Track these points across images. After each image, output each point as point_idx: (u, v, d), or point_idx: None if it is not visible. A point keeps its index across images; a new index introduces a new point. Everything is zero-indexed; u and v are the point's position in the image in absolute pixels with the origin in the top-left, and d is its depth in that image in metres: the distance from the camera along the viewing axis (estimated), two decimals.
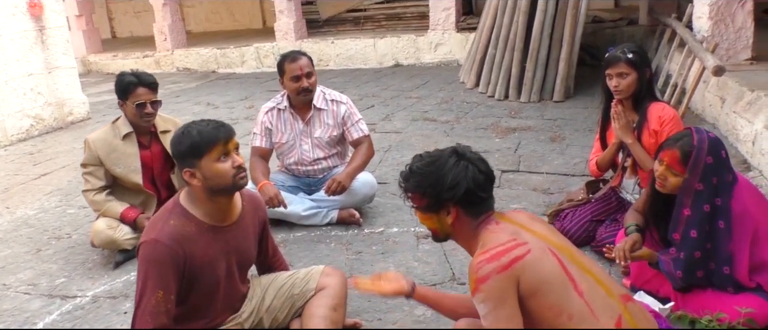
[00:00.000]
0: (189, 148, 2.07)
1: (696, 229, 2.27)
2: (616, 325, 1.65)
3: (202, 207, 2.15)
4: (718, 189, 2.25)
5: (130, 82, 3.25)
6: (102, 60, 11.56)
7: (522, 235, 1.74)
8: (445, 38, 9.25)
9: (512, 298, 1.63)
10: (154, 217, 2.18)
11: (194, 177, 2.09)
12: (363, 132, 3.71)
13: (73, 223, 3.97)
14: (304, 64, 3.52)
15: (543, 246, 1.72)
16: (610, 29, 8.76)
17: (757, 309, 2.22)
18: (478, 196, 1.79)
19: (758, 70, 4.88)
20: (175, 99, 8.28)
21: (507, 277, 1.63)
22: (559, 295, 1.65)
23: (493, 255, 1.67)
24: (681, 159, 2.26)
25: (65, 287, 3.09)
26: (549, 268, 1.68)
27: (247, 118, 6.72)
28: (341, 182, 3.46)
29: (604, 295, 1.68)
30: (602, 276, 1.75)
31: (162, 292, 2.01)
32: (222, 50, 10.64)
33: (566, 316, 1.64)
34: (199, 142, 2.06)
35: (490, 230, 1.78)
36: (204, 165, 2.07)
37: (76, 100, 7.23)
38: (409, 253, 3.17)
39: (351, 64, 9.84)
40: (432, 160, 1.83)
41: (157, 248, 2.03)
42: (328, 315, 2.31)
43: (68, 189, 4.69)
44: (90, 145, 3.31)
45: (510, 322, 1.63)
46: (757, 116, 3.90)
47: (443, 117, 6.02)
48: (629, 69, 2.92)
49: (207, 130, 2.09)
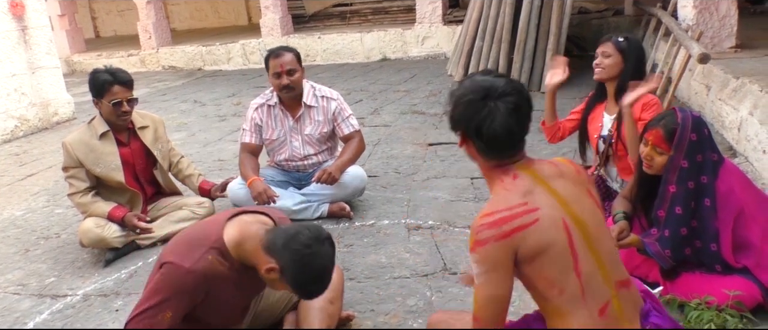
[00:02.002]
0: (296, 276, 1.91)
1: (681, 206, 2.30)
2: (599, 311, 1.64)
3: (244, 257, 2.04)
4: (703, 167, 2.28)
5: (106, 80, 3.20)
6: (86, 60, 11.45)
7: (536, 199, 1.63)
8: (432, 31, 9.25)
9: (506, 265, 1.61)
10: (192, 241, 2.06)
11: (270, 273, 1.94)
12: (354, 127, 3.70)
13: (61, 223, 3.94)
14: (285, 61, 3.48)
15: (556, 217, 1.63)
16: (597, 20, 8.80)
17: (745, 292, 2.25)
18: (494, 140, 1.63)
19: (742, 57, 4.93)
20: (161, 97, 8.23)
21: (504, 246, 1.59)
22: (558, 269, 1.62)
23: (495, 220, 1.60)
24: (665, 137, 2.29)
25: (55, 286, 3.07)
26: (554, 241, 1.61)
27: (234, 114, 6.70)
28: (332, 173, 3.45)
29: (600, 280, 1.66)
30: (605, 258, 1.69)
31: (170, 315, 1.99)
32: (207, 47, 10.58)
33: (558, 290, 1.63)
34: (304, 285, 1.94)
35: (503, 185, 1.67)
36: (282, 284, 1.96)
37: (60, 100, 7.16)
38: (400, 244, 3.17)
39: (338, 59, 9.82)
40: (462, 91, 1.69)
41: (187, 279, 1.97)
42: (325, 307, 2.31)
43: (55, 189, 4.65)
44: (68, 148, 3.26)
45: (498, 287, 1.62)
46: (742, 103, 3.94)
47: (432, 110, 6.03)
48: (614, 51, 2.99)
49: (316, 289, 1.96)
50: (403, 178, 4.17)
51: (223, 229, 2.07)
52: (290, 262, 1.91)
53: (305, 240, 1.90)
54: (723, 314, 2.20)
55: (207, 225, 2.15)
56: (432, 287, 2.71)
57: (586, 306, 1.64)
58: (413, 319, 2.48)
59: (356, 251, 3.14)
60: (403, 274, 2.86)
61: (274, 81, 3.51)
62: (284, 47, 3.60)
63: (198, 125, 6.44)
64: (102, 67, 3.31)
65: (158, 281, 2.02)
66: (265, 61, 3.59)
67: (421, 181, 4.09)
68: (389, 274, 2.87)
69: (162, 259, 2.07)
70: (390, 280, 2.81)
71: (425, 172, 4.27)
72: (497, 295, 1.63)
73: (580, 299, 1.63)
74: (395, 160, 4.57)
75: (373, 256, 3.08)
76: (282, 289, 2.01)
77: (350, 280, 2.83)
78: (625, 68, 2.99)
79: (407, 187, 4.00)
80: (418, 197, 3.81)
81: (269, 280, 2.00)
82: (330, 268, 1.96)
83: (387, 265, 2.97)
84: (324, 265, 1.93)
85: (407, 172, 4.31)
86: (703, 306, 2.26)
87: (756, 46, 5.32)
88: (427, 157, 4.60)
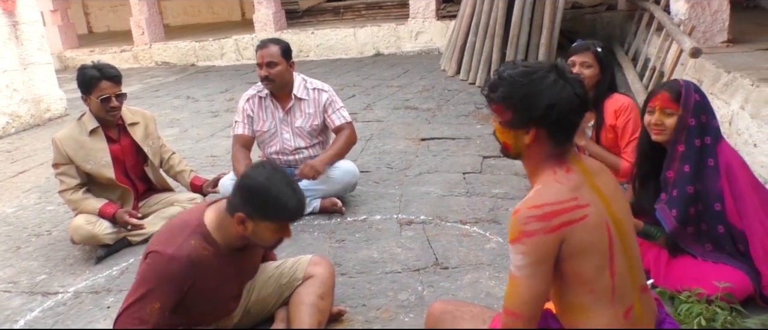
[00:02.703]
0: (260, 205, 1.97)
1: (690, 164, 2.35)
2: (624, 314, 1.62)
3: (227, 239, 2.08)
4: (707, 127, 2.34)
5: (93, 76, 3.18)
6: (79, 55, 11.39)
7: (585, 196, 1.58)
8: (426, 26, 9.24)
9: (551, 259, 1.56)
10: (173, 229, 2.09)
11: (244, 225, 2.00)
12: (345, 119, 3.68)
13: (52, 220, 3.93)
14: (267, 53, 3.48)
15: (602, 215, 1.59)
16: (590, 15, 8.81)
17: (735, 283, 2.27)
18: (570, 121, 1.59)
19: (734, 52, 4.94)
20: (154, 93, 8.20)
21: (553, 239, 1.54)
22: (594, 269, 1.58)
23: (545, 213, 1.54)
24: (672, 97, 2.35)
25: (46, 284, 3.06)
26: (597, 241, 1.57)
27: (227, 110, 6.68)
28: (315, 167, 3.42)
29: (629, 282, 1.64)
30: (635, 262, 1.67)
31: (158, 306, 1.99)
32: (201, 43, 10.54)
33: (589, 288, 1.59)
34: (274, 210, 1.98)
35: (555, 177, 1.60)
36: (261, 225, 2.00)
37: (53, 97, 7.12)
38: (392, 239, 3.17)
39: (331, 54, 9.80)
40: (528, 72, 1.59)
41: (171, 266, 1.99)
42: (316, 303, 2.31)
43: (47, 186, 4.63)
44: (58, 144, 3.25)
45: (543, 282, 1.56)
46: (733, 97, 3.95)
47: (425, 105, 6.03)
48: (594, 61, 3.02)
49: (291, 204, 1.98)
50: (396, 173, 4.17)
51: (204, 214, 2.10)
52: (250, 199, 1.96)
53: (255, 176, 1.98)
54: (713, 307, 2.21)
55: (188, 213, 2.18)
56: (423, 282, 2.72)
57: (613, 307, 1.61)
58: (405, 314, 2.48)
59: (348, 246, 3.14)
60: (394, 269, 2.86)
61: (258, 71, 3.53)
62: (273, 39, 3.60)
63: (190, 121, 6.42)
64: (90, 63, 3.29)
65: (144, 272, 2.03)
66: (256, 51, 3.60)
67: (414, 177, 4.09)
68: (381, 269, 2.87)
69: (146, 250, 2.08)
70: (382, 275, 2.81)
71: (417, 167, 4.27)
72: (541, 292, 1.57)
73: (609, 300, 1.60)
74: (388, 156, 4.57)
75: (365, 251, 3.08)
76: (270, 236, 2.03)
77: (342, 275, 2.83)
78: (602, 78, 3.04)
79: (399, 183, 4.00)
80: (411, 192, 3.81)
81: (252, 236, 2.02)
82: (292, 184, 2.00)
83: (379, 260, 2.97)
84: (284, 182, 1.98)
85: (399, 167, 4.30)
86: (693, 299, 2.26)
87: (748, 40, 5.33)
88: (419, 152, 4.60)
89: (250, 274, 2.32)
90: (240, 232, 2.02)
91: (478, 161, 4.27)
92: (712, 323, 2.15)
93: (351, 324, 2.44)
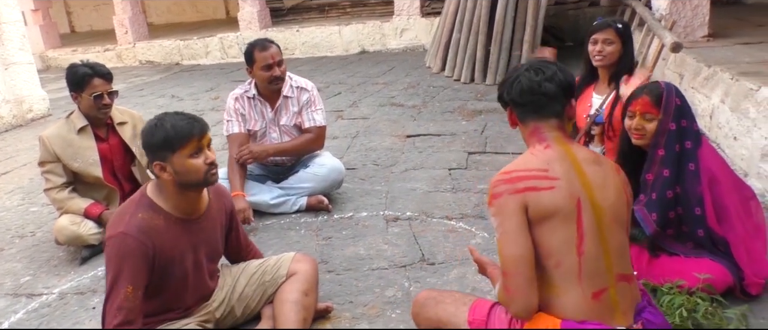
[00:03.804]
0: (162, 142, 2.03)
1: (669, 169, 2.35)
2: (593, 295, 1.69)
3: (170, 200, 2.12)
4: (687, 132, 2.35)
5: (85, 73, 3.17)
6: (61, 55, 11.28)
7: (557, 170, 1.71)
8: (411, 24, 9.26)
9: (520, 218, 1.68)
10: (120, 210, 2.13)
11: (164, 171, 2.06)
12: (314, 121, 3.63)
13: (36, 221, 3.89)
14: (275, 52, 3.47)
15: (573, 193, 1.70)
16: (573, 10, 8.86)
17: (716, 275, 2.30)
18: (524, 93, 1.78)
19: (714, 46, 5.01)
20: (138, 92, 8.14)
21: (515, 199, 1.68)
22: (560, 242, 1.68)
23: (511, 178, 1.71)
24: (653, 101, 2.35)
25: (30, 285, 3.04)
26: (563, 214, 1.68)
27: (213, 109, 6.65)
28: (252, 151, 3.49)
29: (602, 267, 1.71)
30: (613, 250, 1.74)
31: (131, 288, 1.99)
32: (185, 42, 10.48)
33: (554, 261, 1.69)
34: (173, 136, 2.03)
35: (532, 151, 1.78)
36: (176, 160, 2.04)
37: (35, 97, 7.05)
38: (378, 236, 3.19)
39: (317, 52, 9.79)
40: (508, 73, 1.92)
41: (127, 242, 2.00)
42: (300, 300, 2.32)
43: (30, 187, 4.59)
44: (45, 142, 3.23)
45: (517, 233, 1.68)
46: (713, 91, 4.01)
47: (410, 102, 6.04)
48: (616, 38, 3.02)
49: (181, 124, 2.05)
50: (382, 170, 4.19)
51: (146, 188, 2.15)
52: (153, 145, 2.05)
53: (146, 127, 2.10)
54: (694, 298, 2.25)
55: (134, 194, 2.20)
56: (410, 278, 2.73)
57: (581, 286, 1.69)
58: (391, 310, 2.49)
59: (335, 244, 3.15)
60: (381, 266, 2.87)
61: (264, 73, 3.47)
62: (267, 39, 3.58)
63: None
64: (79, 61, 3.28)
65: (106, 260, 2.05)
66: (246, 54, 3.53)
67: (400, 173, 4.10)
68: (367, 266, 2.88)
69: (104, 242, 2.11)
70: (368, 272, 2.82)
71: (403, 163, 4.29)
72: (520, 252, 1.67)
73: (575, 278, 1.69)
74: (374, 152, 4.58)
75: (352, 247, 3.09)
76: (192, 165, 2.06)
77: (329, 272, 2.84)
78: (624, 53, 3.05)
79: (385, 179, 4.01)
80: (397, 189, 3.82)
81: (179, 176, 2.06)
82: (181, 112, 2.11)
83: (365, 256, 2.98)
84: (171, 114, 2.09)
85: (385, 163, 4.32)
86: (675, 290, 2.30)
87: (728, 35, 5.41)
88: (405, 148, 4.62)
89: (210, 245, 2.29)
90: (169, 180, 2.06)
91: (463, 157, 4.29)
92: (693, 314, 2.19)
93: (338, 320, 2.45)
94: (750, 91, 3.48)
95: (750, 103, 3.46)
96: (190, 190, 2.13)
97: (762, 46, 4.73)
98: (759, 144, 3.30)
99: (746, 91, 3.53)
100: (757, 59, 4.24)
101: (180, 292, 2.21)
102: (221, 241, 2.37)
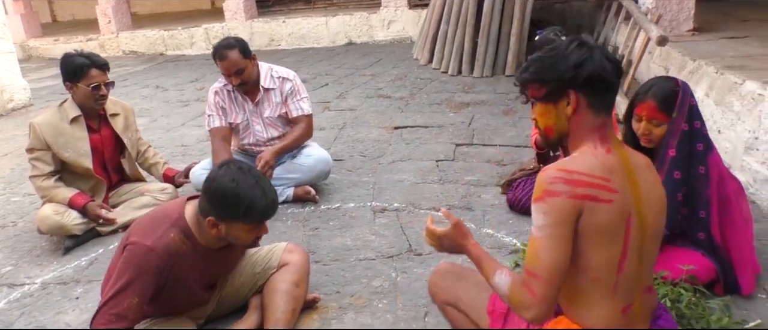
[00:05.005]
0: (233, 209, 1.95)
1: (680, 171, 2.28)
2: (622, 310, 1.62)
3: (204, 236, 2.08)
4: (700, 134, 2.28)
5: (83, 63, 3.14)
6: (43, 45, 11.12)
7: (617, 182, 1.56)
8: (398, 15, 9.23)
9: (570, 225, 1.53)
10: (154, 220, 2.07)
11: (216, 228, 2.00)
12: (302, 110, 3.61)
13: (18, 211, 3.84)
14: (230, 63, 3.37)
15: (628, 208, 1.57)
16: (560, 4, 8.88)
17: (699, 266, 2.32)
18: (605, 80, 1.59)
19: (699, 40, 5.05)
20: (122, 83, 8.04)
21: (574, 206, 1.52)
22: (604, 260, 1.57)
23: (573, 179, 1.53)
24: (659, 106, 2.27)
25: (12, 275, 2.99)
26: (614, 231, 1.56)
27: (198, 100, 6.59)
28: (267, 161, 3.40)
29: (634, 283, 1.63)
30: (647, 265, 1.66)
31: (137, 300, 1.96)
32: (170, 32, 10.37)
33: (593, 276, 1.58)
34: (246, 213, 1.96)
35: (594, 152, 1.59)
36: (234, 228, 2.00)
37: (16, 86, 6.94)
38: (366, 227, 3.18)
39: (303, 43, 9.73)
40: (553, 47, 1.64)
41: (150, 258, 1.97)
42: (291, 290, 2.31)
43: (11, 177, 4.52)
44: (36, 129, 3.18)
45: (564, 241, 1.53)
46: (698, 84, 4.04)
47: (398, 93, 6.03)
48: None
49: (261, 205, 1.96)
50: (369, 162, 4.18)
51: (184, 208, 2.08)
52: (219, 204, 1.95)
53: (221, 179, 1.96)
54: (677, 288, 2.27)
55: (169, 206, 2.15)
56: (397, 268, 2.73)
57: (613, 301, 1.61)
58: (378, 300, 2.49)
59: (322, 234, 3.14)
60: (368, 256, 2.87)
61: (226, 79, 3.48)
62: (227, 44, 3.42)
63: (160, 111, 6.32)
64: (74, 51, 3.25)
65: (122, 263, 1.99)
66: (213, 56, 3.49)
67: (387, 164, 4.09)
68: (355, 256, 2.87)
69: (124, 241, 2.05)
70: (355, 262, 2.82)
71: (391, 155, 4.28)
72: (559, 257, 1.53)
73: (610, 294, 1.60)
74: (361, 144, 4.57)
75: (339, 238, 3.08)
76: (245, 236, 2.02)
77: (316, 263, 2.82)
78: None
79: (373, 171, 4.00)
80: (384, 180, 3.81)
81: (227, 237, 2.01)
82: (261, 182, 1.99)
83: (353, 247, 2.97)
84: (251, 182, 1.96)
85: (373, 155, 4.31)
86: (659, 281, 2.32)
87: (713, 29, 5.45)
88: (392, 140, 4.61)
89: (229, 268, 2.31)
90: (214, 235, 2.02)
91: (451, 149, 4.30)
92: (676, 304, 2.21)
93: (325, 311, 2.44)
94: (734, 84, 3.51)
95: (734, 96, 3.49)
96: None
97: (746, 41, 4.77)
98: (743, 137, 3.34)
99: (731, 85, 3.56)
100: (742, 53, 4.28)
101: (178, 303, 2.20)
102: (238, 262, 2.38)
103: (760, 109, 3.21)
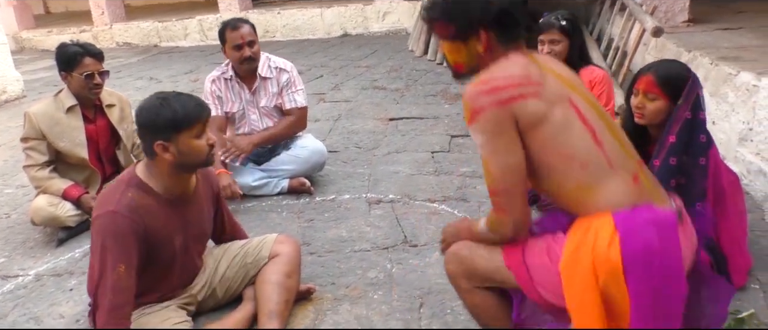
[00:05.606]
0: (168, 121, 1.99)
1: (676, 158, 2.26)
2: (633, 180, 1.54)
3: (161, 181, 2.09)
4: (702, 125, 2.26)
5: (77, 52, 3.12)
6: (36, 36, 11.04)
7: (536, 75, 1.55)
8: (393, 7, 9.20)
9: (510, 130, 1.52)
10: (109, 190, 2.09)
11: (167, 150, 2.01)
12: (296, 103, 3.59)
13: (11, 203, 3.82)
14: (245, 32, 3.42)
15: (562, 94, 1.56)
16: None
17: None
18: (513, 16, 1.58)
19: (694, 31, 5.05)
20: (116, 74, 7.98)
21: (503, 112, 1.51)
22: (575, 141, 1.53)
23: (492, 87, 1.52)
24: (657, 81, 2.25)
25: (5, 267, 2.98)
26: (562, 115, 1.53)
27: (192, 91, 6.51)
28: (240, 146, 3.41)
29: (623, 154, 1.58)
30: (622, 137, 1.62)
31: (124, 267, 1.94)
32: (164, 23, 10.31)
33: (579, 163, 1.53)
34: (181, 117, 1.99)
35: (507, 58, 1.59)
36: (181, 140, 2.01)
37: (9, 78, 6.89)
38: (361, 218, 3.18)
39: (298, 34, 9.70)
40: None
41: (117, 220, 1.96)
42: (283, 281, 2.30)
43: (5, 169, 4.50)
44: (31, 118, 3.16)
45: (508, 152, 1.52)
46: None
47: (393, 85, 6.02)
48: (561, 36, 3.03)
49: (190, 105, 2.02)
50: (364, 153, 4.17)
51: (135, 168, 2.12)
52: (155, 125, 1.99)
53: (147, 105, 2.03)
54: None
55: (121, 174, 2.17)
56: (392, 260, 2.73)
57: (617, 174, 1.54)
58: (374, 291, 2.49)
59: (317, 226, 3.14)
60: (363, 248, 2.86)
61: (235, 53, 3.44)
62: (240, 19, 3.53)
63: None
64: (69, 41, 3.23)
65: (94, 240, 2.00)
66: (219, 33, 3.50)
67: (382, 156, 4.09)
68: (350, 248, 2.87)
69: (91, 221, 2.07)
70: (351, 254, 2.81)
71: (386, 146, 4.27)
72: (511, 163, 1.52)
73: (607, 168, 1.54)
74: (356, 135, 4.56)
75: (334, 230, 3.07)
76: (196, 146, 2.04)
77: (311, 254, 2.82)
78: (571, 47, 3.05)
79: (368, 162, 3.99)
80: (379, 172, 3.81)
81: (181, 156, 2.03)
82: (180, 93, 2.06)
83: (348, 238, 2.97)
84: (172, 95, 2.03)
85: (368, 146, 4.30)
86: None
87: (708, 20, 5.45)
88: (387, 131, 4.60)
89: (198, 227, 2.27)
90: (170, 160, 2.03)
91: (446, 140, 4.29)
92: None
93: (320, 302, 2.44)
94: (729, 75, 3.52)
95: (729, 87, 3.49)
96: (184, 172, 2.11)
97: (741, 32, 4.77)
98: (737, 128, 3.35)
99: (725, 76, 3.56)
100: (736, 44, 4.28)
101: (167, 273, 2.19)
102: (208, 222, 2.35)
103: (755, 100, 3.21)
